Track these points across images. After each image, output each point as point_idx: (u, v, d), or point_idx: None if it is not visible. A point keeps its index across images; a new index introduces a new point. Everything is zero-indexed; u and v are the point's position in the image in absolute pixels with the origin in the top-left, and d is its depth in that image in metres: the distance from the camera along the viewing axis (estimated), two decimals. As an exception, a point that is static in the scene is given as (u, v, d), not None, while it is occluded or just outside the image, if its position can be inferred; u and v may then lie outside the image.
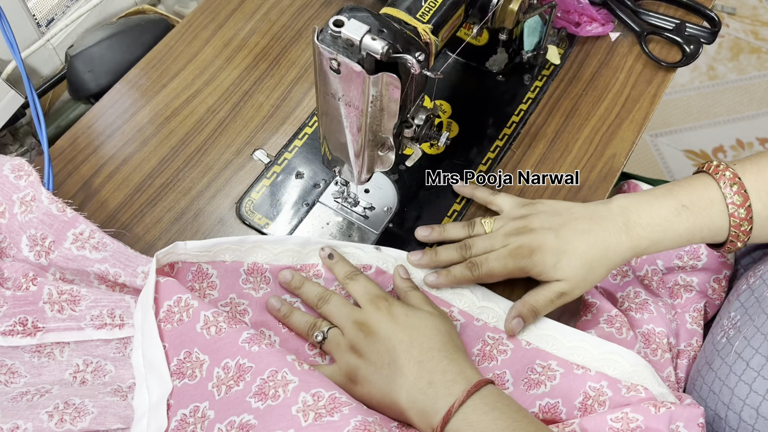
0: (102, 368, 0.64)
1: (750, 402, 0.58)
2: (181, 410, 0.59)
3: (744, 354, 0.60)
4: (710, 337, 0.68)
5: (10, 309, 0.64)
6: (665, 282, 0.77)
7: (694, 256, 0.76)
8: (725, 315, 0.67)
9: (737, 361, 0.60)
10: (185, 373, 0.60)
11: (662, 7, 0.91)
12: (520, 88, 0.86)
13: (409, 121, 0.63)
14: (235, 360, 0.59)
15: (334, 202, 0.76)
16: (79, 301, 0.64)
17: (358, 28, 0.52)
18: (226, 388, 0.59)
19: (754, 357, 0.59)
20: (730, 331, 0.64)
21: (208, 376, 0.60)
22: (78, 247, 0.65)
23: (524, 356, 0.66)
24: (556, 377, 0.64)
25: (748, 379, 0.59)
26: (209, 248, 0.67)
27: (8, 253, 0.67)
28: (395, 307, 0.63)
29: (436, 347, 0.60)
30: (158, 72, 0.85)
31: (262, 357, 0.59)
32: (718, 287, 0.75)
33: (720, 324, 0.67)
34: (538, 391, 0.64)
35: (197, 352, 0.61)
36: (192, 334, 0.61)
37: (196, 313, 0.61)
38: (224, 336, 0.60)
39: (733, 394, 0.59)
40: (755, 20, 1.99)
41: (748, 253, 0.77)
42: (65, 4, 0.88)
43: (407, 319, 0.62)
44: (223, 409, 0.58)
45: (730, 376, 0.60)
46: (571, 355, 0.65)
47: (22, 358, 0.64)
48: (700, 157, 1.76)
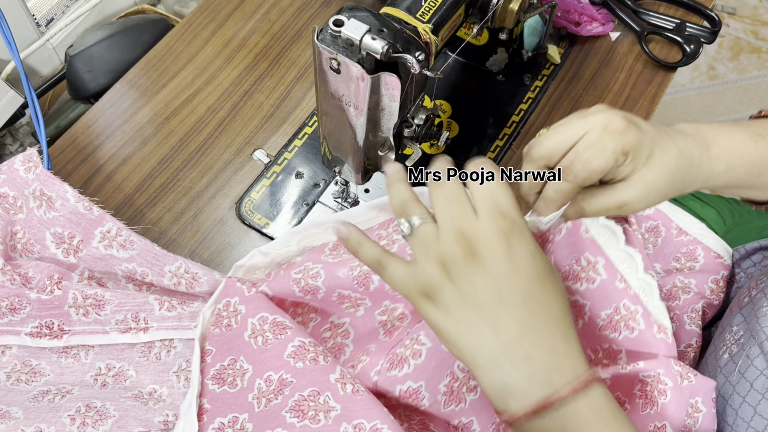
0: (123, 373, 0.65)
1: (755, 425, 0.57)
2: (219, 418, 0.58)
3: (747, 374, 0.59)
4: (712, 350, 0.67)
5: (34, 311, 0.65)
6: (663, 285, 0.77)
7: (691, 258, 0.76)
8: (728, 328, 0.66)
9: (741, 382, 0.59)
10: (225, 380, 0.59)
11: (662, 6, 0.91)
12: (520, 88, 0.86)
13: (409, 121, 0.63)
14: (279, 374, 0.57)
15: (334, 202, 0.76)
16: (103, 305, 0.65)
17: (358, 28, 0.52)
18: (266, 401, 0.57)
19: (758, 378, 0.58)
20: (733, 347, 0.63)
21: (249, 387, 0.58)
22: (105, 246, 0.66)
23: (576, 243, 0.60)
24: (596, 281, 0.58)
25: (753, 401, 0.58)
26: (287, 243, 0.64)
27: (32, 250, 0.67)
28: (522, 239, 0.47)
29: (552, 314, 0.47)
30: (158, 72, 0.85)
31: (305, 374, 0.56)
32: (716, 288, 0.75)
33: (722, 338, 0.66)
34: (573, 285, 0.59)
35: (242, 360, 0.59)
36: (239, 342, 0.59)
37: (244, 320, 0.60)
38: (270, 348, 0.58)
39: (737, 415, 0.59)
40: (755, 20, 1.99)
41: (747, 256, 0.77)
42: (65, 4, 0.88)
43: (533, 262, 0.47)
44: (260, 423, 0.56)
45: (734, 396, 0.60)
46: (619, 261, 0.59)
47: (50, 358, 0.65)
48: (701, 156, 1.76)
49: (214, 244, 0.74)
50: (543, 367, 0.45)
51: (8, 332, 0.65)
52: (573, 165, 0.51)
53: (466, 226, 0.47)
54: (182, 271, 0.67)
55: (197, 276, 0.67)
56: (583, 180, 0.51)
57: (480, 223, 0.47)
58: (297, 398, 0.55)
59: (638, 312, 0.59)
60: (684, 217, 0.77)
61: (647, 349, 0.59)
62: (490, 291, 0.46)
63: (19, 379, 0.64)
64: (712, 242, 0.75)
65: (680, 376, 0.58)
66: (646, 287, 0.60)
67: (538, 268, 0.47)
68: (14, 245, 0.67)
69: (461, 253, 0.46)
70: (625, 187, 0.53)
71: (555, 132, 0.52)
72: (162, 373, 0.65)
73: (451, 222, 0.47)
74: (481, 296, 0.46)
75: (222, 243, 0.74)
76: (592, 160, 0.50)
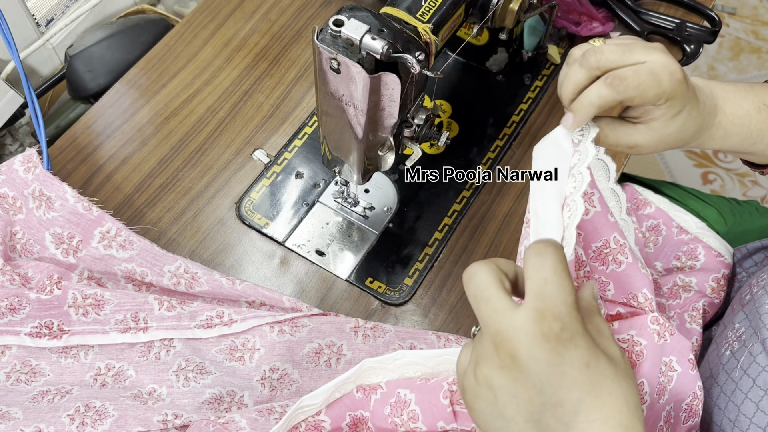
0: (123, 373, 0.65)
1: (757, 421, 0.57)
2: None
3: (750, 371, 0.59)
4: (714, 347, 0.67)
5: (34, 311, 0.65)
6: (663, 284, 0.77)
7: (692, 256, 0.76)
8: (729, 325, 0.66)
9: (743, 378, 0.60)
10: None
11: (663, 6, 0.91)
12: (521, 88, 0.86)
13: (409, 121, 0.63)
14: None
15: (334, 202, 0.76)
16: (103, 305, 0.65)
17: (358, 28, 0.52)
18: None
19: (760, 375, 0.58)
20: (735, 344, 0.63)
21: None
22: (105, 246, 0.66)
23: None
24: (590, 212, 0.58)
25: (755, 398, 0.58)
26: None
27: (31, 250, 0.67)
28: (573, 345, 0.39)
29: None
30: (158, 72, 0.84)
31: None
32: (717, 286, 0.75)
33: (724, 335, 0.66)
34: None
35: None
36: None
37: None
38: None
39: (739, 411, 0.59)
40: (756, 20, 1.99)
41: (749, 256, 0.77)
42: (65, 4, 0.88)
43: (586, 371, 0.39)
44: None
45: (737, 392, 0.60)
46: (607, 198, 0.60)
47: (49, 358, 0.65)
48: (701, 157, 1.76)
49: (213, 244, 0.74)
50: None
51: (8, 332, 0.65)
52: (629, 79, 0.51)
53: (501, 327, 0.39)
54: (182, 271, 0.67)
55: (197, 276, 0.67)
56: (628, 98, 0.52)
57: (518, 324, 0.39)
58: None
59: (626, 246, 0.59)
60: (685, 216, 0.77)
61: (633, 282, 0.59)
62: (533, 404, 0.39)
63: (18, 379, 0.64)
64: (712, 241, 0.75)
65: (657, 334, 0.58)
66: (627, 228, 0.62)
67: (594, 374, 0.39)
68: (14, 245, 0.67)
69: (498, 362, 0.40)
70: (644, 131, 0.55)
71: (618, 49, 0.53)
72: (161, 373, 0.65)
73: (488, 323, 0.40)
74: (522, 410, 0.39)
75: (222, 243, 0.74)
76: (648, 86, 0.52)
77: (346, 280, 0.73)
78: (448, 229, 0.76)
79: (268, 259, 0.73)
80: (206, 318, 0.66)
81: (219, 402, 0.64)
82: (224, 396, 0.64)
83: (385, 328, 0.68)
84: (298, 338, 0.67)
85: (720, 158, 1.75)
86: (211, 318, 0.66)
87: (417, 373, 0.54)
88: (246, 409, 0.59)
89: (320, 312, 0.69)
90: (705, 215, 0.80)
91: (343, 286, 0.73)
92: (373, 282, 0.72)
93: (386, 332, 0.68)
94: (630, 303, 0.61)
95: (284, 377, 0.66)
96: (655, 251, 0.77)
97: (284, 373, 0.66)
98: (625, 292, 0.61)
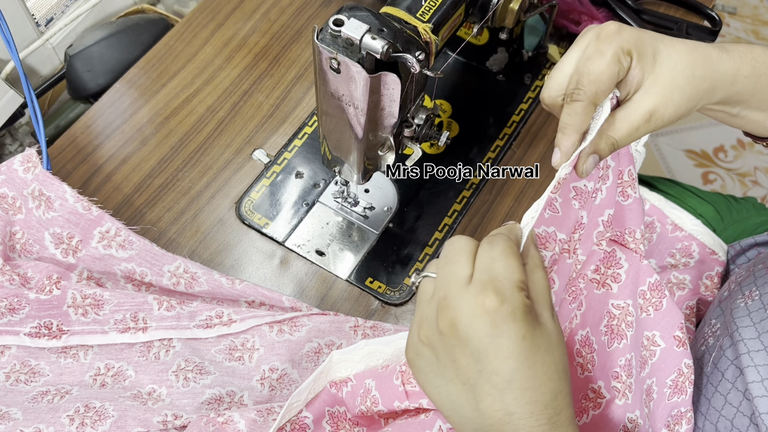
0: (122, 373, 0.65)
1: (725, 414, 0.57)
2: None
3: (720, 364, 0.59)
4: (693, 342, 0.67)
5: (33, 311, 0.65)
6: None
7: (686, 254, 0.76)
8: (708, 321, 0.66)
9: (714, 372, 0.60)
10: None
11: (663, 6, 0.91)
12: (521, 88, 0.86)
13: (409, 121, 0.63)
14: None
15: (334, 202, 0.76)
16: (102, 305, 0.65)
17: (357, 28, 0.52)
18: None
19: (728, 368, 0.58)
20: (710, 340, 0.63)
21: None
22: (105, 246, 0.66)
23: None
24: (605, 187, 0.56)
25: (724, 390, 0.58)
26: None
27: (30, 250, 0.67)
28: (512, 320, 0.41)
29: (542, 400, 0.42)
30: (157, 71, 0.84)
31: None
32: (711, 284, 0.75)
33: (702, 331, 0.66)
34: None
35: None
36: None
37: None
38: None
39: (709, 404, 0.59)
40: (756, 20, 1.99)
41: (742, 252, 0.77)
42: (64, 4, 0.88)
43: (522, 343, 0.41)
44: None
45: (708, 386, 0.60)
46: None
47: (48, 358, 0.65)
48: (701, 156, 1.76)
49: (213, 244, 0.74)
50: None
51: (7, 332, 0.64)
52: (579, 82, 0.47)
53: (447, 296, 0.42)
54: (181, 271, 0.67)
55: (196, 276, 0.67)
56: (593, 94, 0.47)
57: (464, 296, 0.42)
58: None
59: (636, 180, 0.56)
60: (680, 213, 0.77)
61: (633, 217, 0.57)
62: (471, 369, 0.42)
63: (18, 379, 0.64)
64: (707, 238, 0.75)
65: (640, 308, 0.58)
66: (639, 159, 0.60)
67: (527, 347, 0.41)
68: (13, 245, 0.67)
69: (436, 329, 0.42)
70: (643, 95, 0.49)
71: (555, 69, 0.50)
72: (161, 373, 0.65)
73: (439, 288, 0.43)
74: (463, 370, 0.42)
75: (222, 243, 0.74)
76: (595, 68, 0.47)
77: (346, 280, 0.73)
78: (448, 229, 0.76)
79: (268, 259, 0.73)
80: (206, 318, 0.66)
81: (219, 402, 0.63)
82: (224, 396, 0.64)
83: (384, 328, 0.68)
84: (297, 338, 0.67)
85: (720, 158, 1.75)
86: (210, 318, 0.66)
87: (379, 361, 0.56)
88: (246, 409, 0.59)
89: (319, 311, 0.69)
90: (702, 212, 0.80)
91: (343, 286, 0.73)
92: (373, 282, 0.72)
93: (386, 331, 0.68)
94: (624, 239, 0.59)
95: (284, 377, 0.66)
96: (650, 248, 0.77)
97: (284, 372, 0.66)
98: (622, 226, 0.59)
